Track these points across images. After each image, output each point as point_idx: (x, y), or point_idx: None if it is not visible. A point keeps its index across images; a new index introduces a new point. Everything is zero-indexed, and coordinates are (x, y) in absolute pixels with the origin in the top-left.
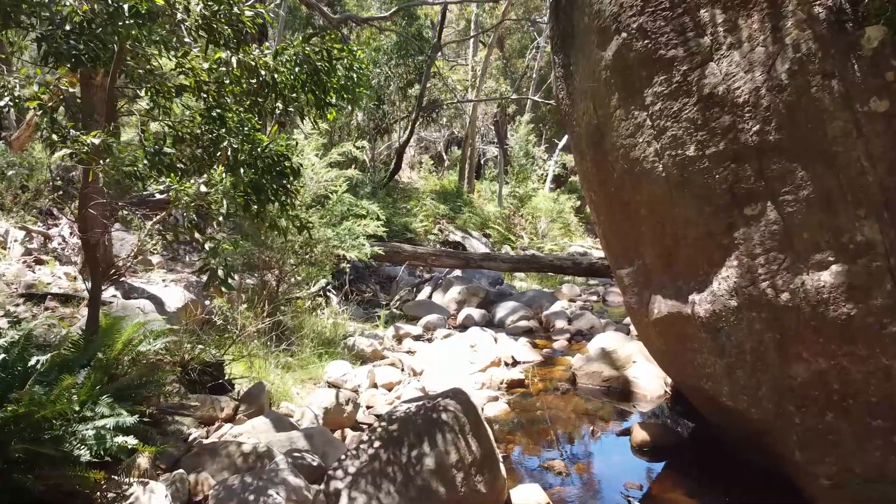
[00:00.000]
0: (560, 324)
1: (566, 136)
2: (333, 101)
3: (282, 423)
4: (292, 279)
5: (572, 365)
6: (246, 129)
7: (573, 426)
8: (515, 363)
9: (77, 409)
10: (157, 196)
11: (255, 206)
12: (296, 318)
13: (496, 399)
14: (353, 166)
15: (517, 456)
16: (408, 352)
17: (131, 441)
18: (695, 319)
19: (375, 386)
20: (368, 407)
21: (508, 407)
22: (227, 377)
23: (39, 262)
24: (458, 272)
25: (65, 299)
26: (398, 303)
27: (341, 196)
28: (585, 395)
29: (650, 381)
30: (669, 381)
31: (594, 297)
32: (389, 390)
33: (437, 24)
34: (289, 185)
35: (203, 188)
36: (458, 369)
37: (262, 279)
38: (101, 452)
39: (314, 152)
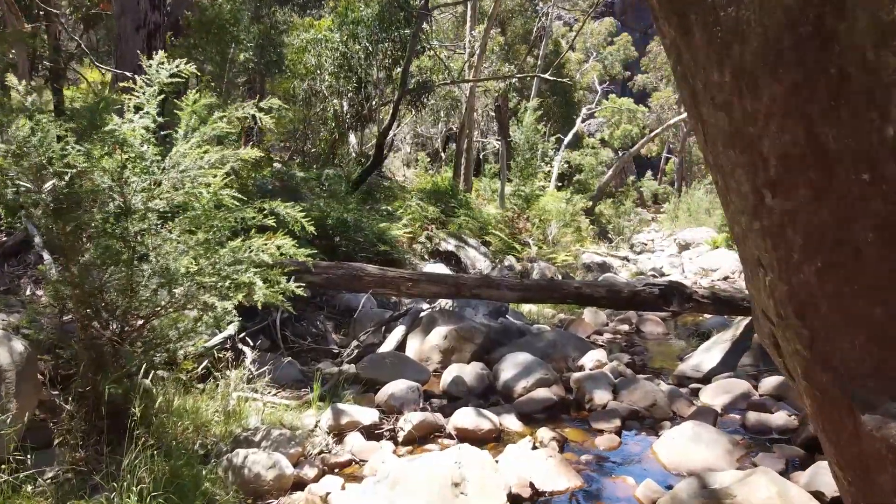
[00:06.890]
0: (601, 396)
1: (571, 133)
2: None
3: None
4: (152, 334)
5: None
6: None
7: None
8: (536, 496)
9: None
10: None
11: None
12: (156, 403)
13: None
14: (340, 159)
15: None
16: (349, 465)
17: None
18: None
19: None
20: None
21: None
22: None
23: None
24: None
25: None
26: (354, 353)
27: (217, 195)
28: None
29: None
30: None
31: (625, 326)
32: None
33: None
34: None
35: None
36: None
37: (87, 340)
38: None
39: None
